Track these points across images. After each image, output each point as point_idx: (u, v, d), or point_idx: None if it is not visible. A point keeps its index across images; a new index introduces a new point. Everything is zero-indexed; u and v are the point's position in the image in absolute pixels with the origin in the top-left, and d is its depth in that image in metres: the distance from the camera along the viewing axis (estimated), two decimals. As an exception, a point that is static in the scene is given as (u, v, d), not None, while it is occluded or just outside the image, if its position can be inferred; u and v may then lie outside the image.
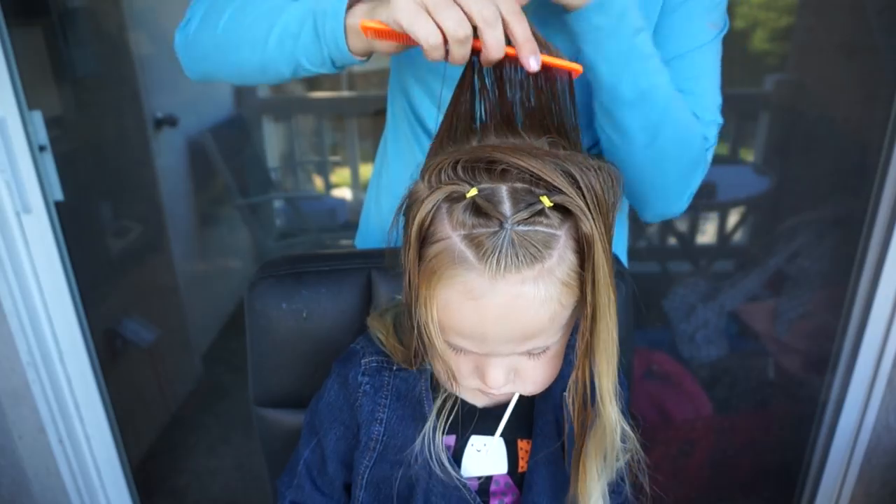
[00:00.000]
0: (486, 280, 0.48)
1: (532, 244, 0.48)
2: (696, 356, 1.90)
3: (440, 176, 0.52)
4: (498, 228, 0.48)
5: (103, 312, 1.70)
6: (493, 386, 0.56)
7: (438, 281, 0.50)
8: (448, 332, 0.53)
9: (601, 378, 0.56)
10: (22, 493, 1.43)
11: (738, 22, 2.19)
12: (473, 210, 0.49)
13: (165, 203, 2.09)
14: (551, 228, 0.49)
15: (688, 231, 2.42)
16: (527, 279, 0.49)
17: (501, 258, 0.48)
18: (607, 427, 0.58)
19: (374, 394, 0.66)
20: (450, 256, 0.49)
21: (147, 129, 1.99)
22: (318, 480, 0.71)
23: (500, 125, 0.57)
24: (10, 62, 1.18)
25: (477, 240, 0.49)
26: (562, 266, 0.50)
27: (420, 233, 0.51)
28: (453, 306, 0.51)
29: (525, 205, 0.49)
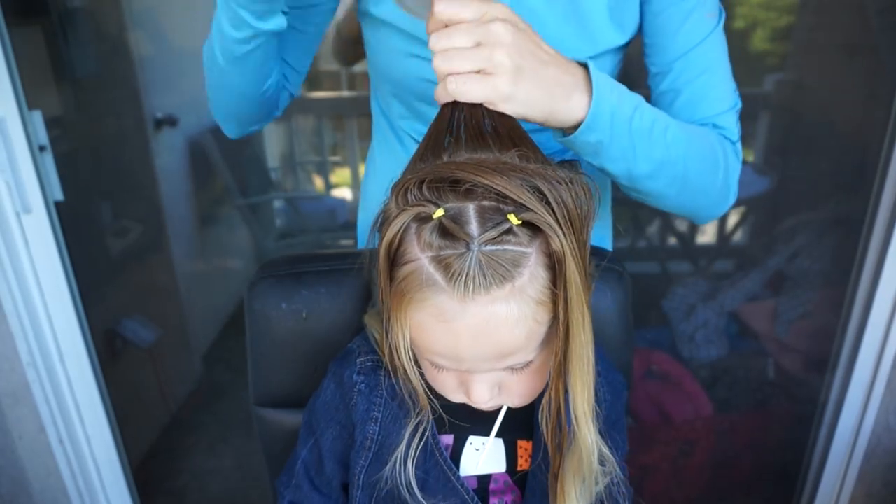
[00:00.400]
0: (456, 302, 0.48)
1: (500, 264, 0.47)
2: (696, 356, 1.90)
3: (406, 196, 0.50)
4: (465, 250, 0.47)
5: (103, 312, 1.70)
6: (477, 402, 0.56)
7: (409, 304, 0.50)
8: (424, 351, 0.53)
9: (576, 398, 0.54)
10: (22, 493, 1.43)
11: (738, 22, 2.19)
12: (440, 231, 0.48)
13: (165, 203, 2.09)
14: (520, 247, 0.48)
15: (688, 231, 2.42)
16: (497, 299, 0.48)
17: (469, 280, 0.47)
18: (584, 449, 0.57)
19: (369, 393, 0.66)
20: (419, 279, 0.49)
21: (147, 129, 1.99)
22: (315, 480, 0.72)
23: (470, 138, 0.54)
24: (10, 62, 1.18)
25: (445, 262, 0.48)
26: (534, 284, 0.49)
27: (389, 254, 0.50)
28: (426, 328, 0.50)
29: (492, 224, 0.48)
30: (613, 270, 0.78)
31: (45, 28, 1.51)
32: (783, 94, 2.19)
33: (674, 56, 0.71)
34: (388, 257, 0.51)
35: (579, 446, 0.57)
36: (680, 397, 1.78)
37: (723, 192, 0.74)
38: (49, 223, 1.28)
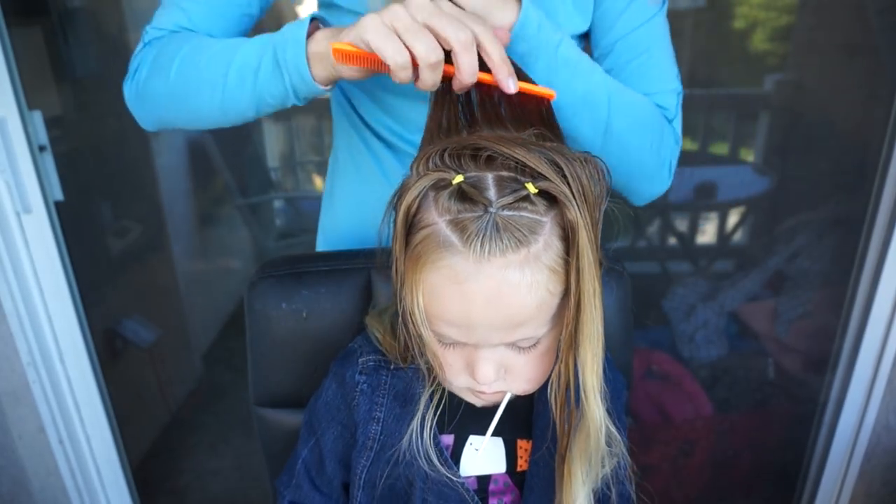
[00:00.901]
0: (472, 263, 0.49)
1: (517, 228, 0.48)
2: (696, 356, 1.90)
3: (427, 164, 0.52)
4: (483, 213, 0.49)
5: (103, 312, 1.70)
6: (482, 381, 0.55)
7: (424, 266, 0.50)
8: (434, 320, 0.53)
9: (585, 372, 0.54)
10: (22, 493, 1.43)
11: (738, 22, 2.19)
12: (459, 196, 0.50)
13: (165, 203, 2.09)
14: (537, 214, 0.50)
15: (688, 231, 2.42)
16: (512, 263, 0.49)
17: (486, 241, 0.48)
18: (591, 426, 0.57)
19: (371, 393, 0.66)
20: (435, 241, 0.50)
21: (147, 129, 1.98)
22: (316, 480, 0.72)
23: (488, 118, 0.57)
24: (10, 62, 1.18)
25: (462, 224, 0.49)
26: (548, 252, 0.50)
27: (407, 219, 0.51)
28: (439, 291, 0.51)
29: (510, 190, 0.49)
30: (613, 270, 0.78)
31: (45, 28, 1.51)
32: (783, 94, 2.19)
33: (615, 37, 0.74)
34: (405, 223, 0.51)
35: (587, 423, 0.57)
36: (680, 397, 1.78)
37: (658, 166, 0.75)
38: (49, 223, 1.28)
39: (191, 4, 0.72)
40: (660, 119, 0.74)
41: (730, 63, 2.25)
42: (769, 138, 2.30)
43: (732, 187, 2.23)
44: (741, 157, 2.44)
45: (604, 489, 0.63)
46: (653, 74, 0.75)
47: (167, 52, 0.69)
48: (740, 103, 2.30)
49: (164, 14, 0.74)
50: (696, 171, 2.28)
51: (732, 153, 2.42)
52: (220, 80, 0.65)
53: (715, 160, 2.41)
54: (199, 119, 0.70)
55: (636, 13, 0.73)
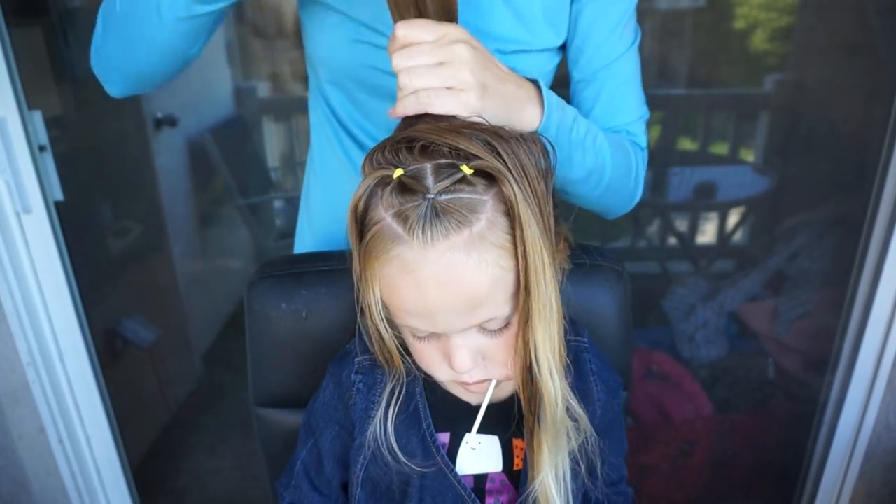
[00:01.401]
0: (417, 251, 0.50)
1: (456, 210, 0.50)
2: (696, 356, 1.90)
3: (371, 163, 0.53)
4: (422, 200, 0.50)
5: (103, 312, 1.70)
6: (459, 369, 0.56)
7: (376, 260, 0.52)
8: (397, 312, 0.55)
9: (538, 346, 0.55)
10: (22, 493, 1.43)
11: (738, 22, 2.19)
12: (400, 189, 0.51)
13: (165, 203, 2.09)
14: (476, 194, 0.51)
15: (688, 231, 2.42)
16: (457, 245, 0.50)
17: (427, 227, 0.49)
18: (547, 400, 0.57)
19: (367, 392, 0.66)
20: (383, 235, 0.51)
21: (147, 129, 1.99)
22: (315, 480, 0.72)
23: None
24: (10, 62, 1.18)
25: (404, 214, 0.50)
26: (494, 230, 0.51)
27: (356, 219, 0.53)
28: (393, 283, 0.52)
29: (446, 175, 0.50)
30: (613, 270, 0.78)
31: (45, 28, 1.51)
32: (783, 94, 2.19)
33: (599, 66, 0.77)
34: (355, 222, 0.53)
35: (544, 398, 0.57)
36: (680, 397, 1.78)
37: (632, 192, 0.81)
38: (49, 223, 1.28)
39: None
40: (635, 154, 0.79)
41: (730, 63, 2.25)
42: (769, 138, 2.30)
43: (732, 187, 2.23)
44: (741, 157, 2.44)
45: (574, 465, 0.64)
46: (628, 105, 0.79)
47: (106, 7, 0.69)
48: (740, 103, 2.30)
49: None
50: (696, 171, 2.28)
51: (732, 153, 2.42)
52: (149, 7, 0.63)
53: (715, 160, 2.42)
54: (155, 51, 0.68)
55: (617, 43, 0.76)
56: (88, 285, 1.43)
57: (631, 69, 0.79)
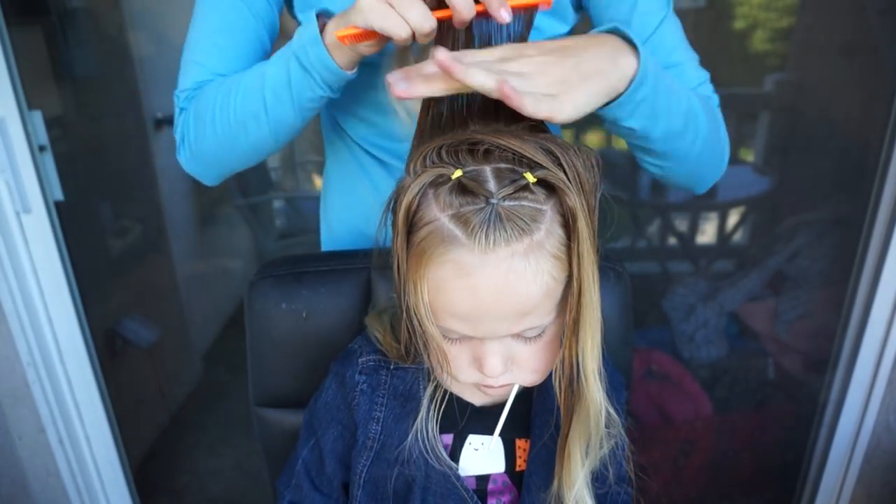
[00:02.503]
0: (477, 255, 0.49)
1: (519, 217, 0.49)
2: (696, 356, 1.90)
3: (424, 162, 0.52)
4: (484, 205, 0.49)
5: (103, 312, 1.70)
6: (491, 374, 0.56)
7: (429, 262, 0.51)
8: (441, 315, 0.53)
9: (586, 356, 0.55)
10: (22, 493, 1.43)
11: (738, 22, 2.19)
12: (459, 190, 0.50)
13: (165, 203, 2.09)
14: (537, 203, 0.50)
15: (688, 231, 2.42)
16: (517, 253, 0.49)
17: (490, 232, 0.48)
18: (591, 408, 0.58)
19: (371, 393, 0.66)
20: (439, 236, 0.50)
21: (147, 129, 1.99)
22: (316, 480, 0.72)
23: (481, 113, 0.57)
24: (10, 62, 1.18)
25: (464, 217, 0.49)
26: (551, 239, 0.51)
27: (407, 218, 0.52)
28: (445, 286, 0.51)
29: (509, 181, 0.50)
30: (613, 270, 0.78)
31: (45, 28, 1.51)
32: (783, 94, 2.19)
33: (643, 38, 0.71)
34: (406, 222, 0.52)
35: (587, 405, 0.58)
36: (680, 397, 1.78)
37: (723, 151, 0.74)
38: (49, 223, 1.28)
39: (205, 57, 0.74)
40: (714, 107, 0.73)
41: (730, 63, 2.25)
42: (769, 138, 2.30)
43: (732, 187, 2.23)
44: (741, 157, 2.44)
45: (602, 470, 0.64)
46: (686, 72, 0.74)
47: (202, 108, 0.71)
48: (740, 103, 2.30)
49: (185, 75, 0.75)
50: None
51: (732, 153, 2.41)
52: (261, 109, 0.67)
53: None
54: (255, 153, 0.73)
55: (647, 15, 0.71)
56: (88, 285, 1.43)
57: (675, 32, 0.73)
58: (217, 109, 0.69)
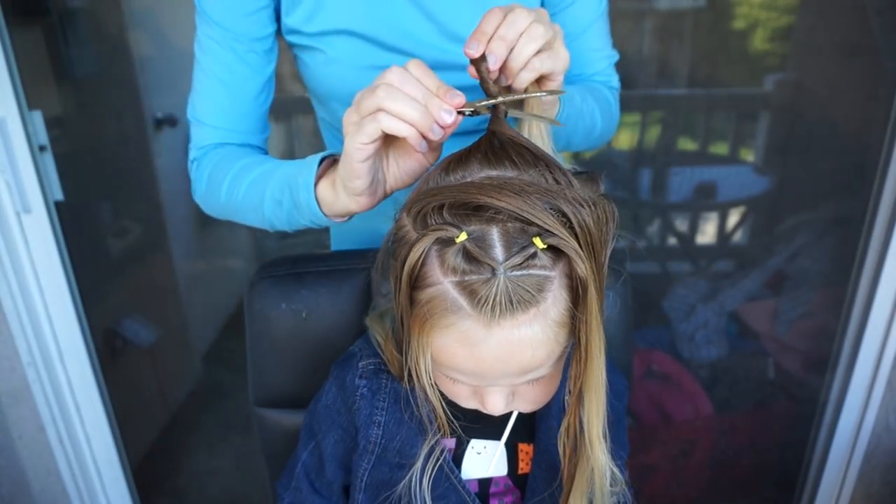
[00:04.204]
0: (482, 327, 0.48)
1: (525, 289, 0.47)
2: (696, 356, 1.90)
3: (426, 220, 0.50)
4: (490, 275, 0.47)
5: (103, 312, 1.70)
6: (492, 411, 0.56)
7: (432, 328, 0.50)
8: (444, 368, 0.54)
9: (591, 421, 0.55)
10: (22, 493, 1.43)
11: (738, 22, 2.19)
12: (464, 255, 0.48)
13: (165, 203, 2.09)
14: (544, 270, 0.48)
15: (688, 231, 2.42)
16: (522, 323, 0.48)
17: (496, 306, 0.47)
18: (596, 471, 0.58)
19: (371, 397, 0.66)
20: (443, 303, 0.49)
21: (147, 129, 1.99)
22: (316, 483, 0.72)
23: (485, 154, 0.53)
24: (10, 62, 1.18)
25: (470, 287, 0.47)
26: (556, 307, 0.49)
27: (411, 278, 0.50)
28: (449, 351, 0.51)
29: (518, 248, 0.47)
30: (614, 271, 0.78)
31: (45, 28, 1.50)
32: (783, 94, 2.18)
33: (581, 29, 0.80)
34: (409, 281, 0.50)
35: (591, 468, 0.58)
36: (680, 397, 1.78)
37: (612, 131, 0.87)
38: (49, 223, 1.28)
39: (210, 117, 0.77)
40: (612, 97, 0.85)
41: (730, 63, 2.25)
42: (769, 138, 2.30)
43: (732, 187, 2.23)
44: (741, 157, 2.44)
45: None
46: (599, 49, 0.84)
47: (215, 178, 0.75)
48: (740, 103, 2.29)
49: (195, 133, 0.79)
50: (696, 171, 2.28)
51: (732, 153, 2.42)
52: (259, 207, 0.71)
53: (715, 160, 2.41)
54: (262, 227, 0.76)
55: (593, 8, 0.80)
56: (88, 285, 1.43)
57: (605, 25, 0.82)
58: (226, 189, 0.73)
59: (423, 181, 0.55)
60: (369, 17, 0.72)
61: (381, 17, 0.72)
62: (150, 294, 2.06)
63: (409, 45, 0.73)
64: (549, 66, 0.55)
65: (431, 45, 0.74)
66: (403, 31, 0.73)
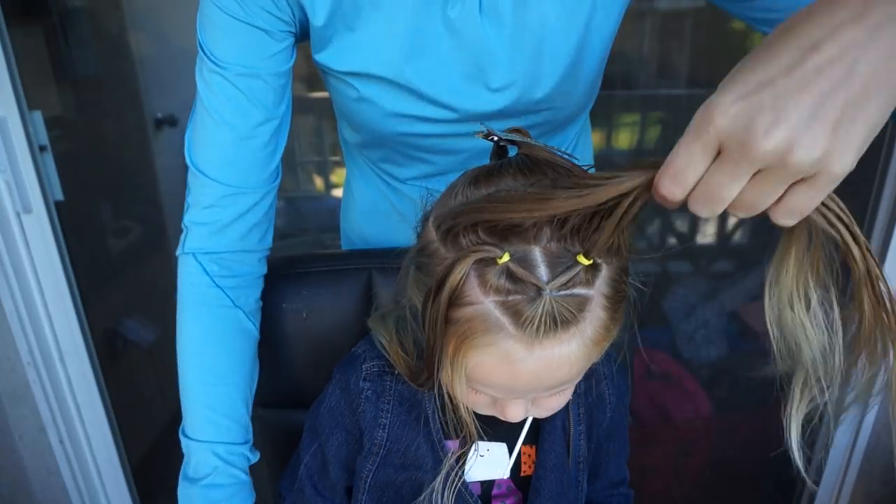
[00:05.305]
0: (523, 347, 0.48)
1: (569, 309, 0.47)
2: (696, 356, 1.90)
3: (459, 238, 0.49)
4: (535, 295, 0.46)
5: (103, 312, 1.70)
6: (511, 420, 0.56)
7: (471, 347, 0.49)
8: (476, 383, 0.53)
9: None
10: (22, 493, 1.43)
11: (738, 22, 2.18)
12: (508, 276, 0.47)
13: (165, 203, 2.09)
14: (585, 289, 0.48)
15: (688, 231, 2.42)
16: (563, 342, 0.48)
17: (541, 326, 0.46)
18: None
19: (376, 399, 0.66)
20: (484, 322, 0.48)
21: (147, 129, 1.99)
22: (319, 485, 0.72)
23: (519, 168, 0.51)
24: (10, 62, 1.18)
25: (514, 308, 0.47)
26: (593, 325, 0.49)
27: (451, 298, 0.48)
28: (485, 368, 0.50)
29: (563, 268, 0.47)
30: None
31: (45, 28, 1.50)
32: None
33: None
34: (448, 301, 0.48)
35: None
36: (680, 397, 1.78)
37: None
38: (49, 223, 1.28)
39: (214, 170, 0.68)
40: None
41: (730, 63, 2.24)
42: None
43: (732, 187, 2.22)
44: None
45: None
46: None
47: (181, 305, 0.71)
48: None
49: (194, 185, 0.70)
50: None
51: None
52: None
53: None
54: None
55: None
56: (88, 285, 1.43)
57: None
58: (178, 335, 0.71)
59: (447, 193, 0.53)
60: (409, 66, 0.66)
61: (420, 68, 0.67)
62: (150, 294, 2.06)
63: (447, 97, 0.69)
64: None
65: (469, 95, 0.69)
66: (444, 83, 0.68)
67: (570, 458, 0.67)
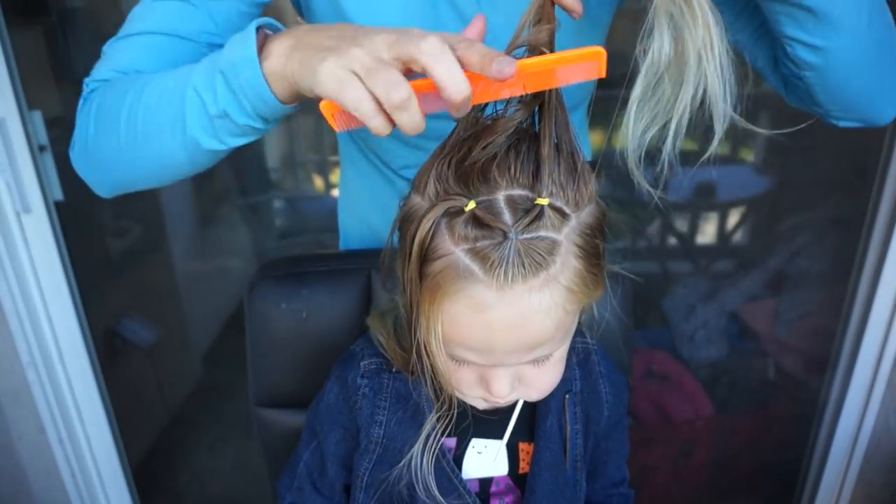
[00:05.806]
0: (494, 292, 0.48)
1: (536, 252, 0.48)
2: (696, 356, 1.90)
3: (435, 189, 0.51)
4: (502, 239, 0.48)
5: (103, 312, 1.70)
6: (498, 396, 0.56)
7: (444, 297, 0.49)
8: (452, 345, 0.53)
9: None
10: (22, 493, 1.43)
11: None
12: (474, 223, 0.48)
13: (165, 203, 2.09)
14: (552, 232, 0.49)
15: (688, 231, 2.42)
16: (533, 288, 0.48)
17: (509, 269, 0.47)
18: None
19: (373, 396, 0.66)
20: (454, 271, 0.49)
21: (147, 129, 1.99)
22: (318, 483, 0.72)
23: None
24: (10, 62, 1.18)
25: (482, 253, 0.48)
26: (565, 272, 0.50)
27: (421, 251, 0.50)
28: (460, 321, 0.50)
29: (524, 211, 0.49)
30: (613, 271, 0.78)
31: (45, 28, 1.50)
32: (783, 94, 2.18)
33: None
34: (420, 254, 0.50)
35: None
36: (680, 397, 1.78)
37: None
38: (49, 223, 1.28)
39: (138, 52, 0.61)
40: None
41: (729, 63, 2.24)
42: (769, 138, 2.30)
43: (732, 187, 2.22)
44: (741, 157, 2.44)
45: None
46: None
47: (109, 101, 0.59)
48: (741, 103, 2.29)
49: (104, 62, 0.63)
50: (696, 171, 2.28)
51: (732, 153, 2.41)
52: (178, 122, 0.55)
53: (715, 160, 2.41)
54: (162, 168, 0.61)
55: None
56: (88, 285, 1.43)
57: None
58: (128, 107, 0.57)
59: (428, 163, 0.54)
60: None
61: None
62: (150, 294, 2.06)
63: None
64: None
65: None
66: None
67: (567, 456, 0.67)
